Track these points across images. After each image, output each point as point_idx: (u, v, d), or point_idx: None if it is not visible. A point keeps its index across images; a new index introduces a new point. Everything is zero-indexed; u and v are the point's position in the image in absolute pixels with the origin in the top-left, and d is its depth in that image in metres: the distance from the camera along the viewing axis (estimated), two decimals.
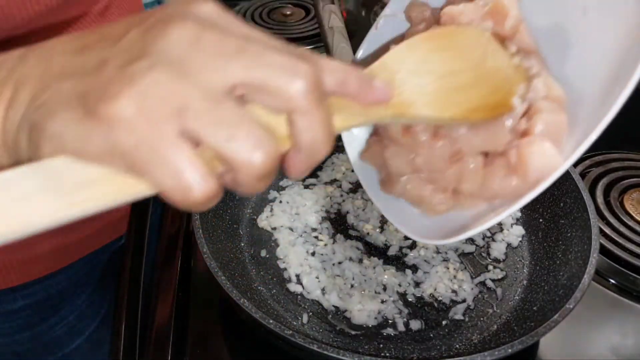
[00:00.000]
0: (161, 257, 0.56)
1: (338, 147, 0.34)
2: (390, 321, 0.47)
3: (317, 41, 0.94)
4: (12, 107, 0.23)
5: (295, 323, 0.47)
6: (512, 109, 0.31)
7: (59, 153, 0.21)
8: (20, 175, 0.22)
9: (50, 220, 0.22)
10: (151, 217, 0.68)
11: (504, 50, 0.33)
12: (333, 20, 0.78)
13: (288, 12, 1.03)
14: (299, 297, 0.50)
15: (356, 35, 0.97)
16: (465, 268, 0.52)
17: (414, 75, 0.29)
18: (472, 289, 0.50)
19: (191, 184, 0.21)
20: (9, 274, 0.58)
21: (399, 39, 0.36)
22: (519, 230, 0.55)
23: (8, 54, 0.26)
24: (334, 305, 0.49)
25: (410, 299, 0.50)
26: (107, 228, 0.66)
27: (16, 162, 0.23)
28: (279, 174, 0.27)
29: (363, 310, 0.48)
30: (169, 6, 0.24)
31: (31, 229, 0.22)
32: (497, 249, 0.53)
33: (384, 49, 0.33)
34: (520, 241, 0.54)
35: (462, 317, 0.48)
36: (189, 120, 0.21)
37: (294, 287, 0.50)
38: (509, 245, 0.54)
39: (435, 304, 0.49)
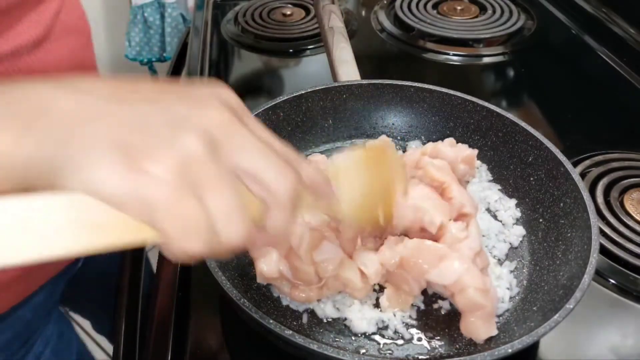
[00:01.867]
0: (161, 257, 0.56)
1: None
2: (391, 326, 0.47)
3: (317, 41, 0.94)
4: (40, 142, 0.24)
5: (295, 323, 0.47)
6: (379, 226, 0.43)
7: (86, 192, 0.24)
8: (56, 203, 0.24)
9: (67, 251, 0.24)
10: None
11: (402, 175, 0.44)
12: (333, 20, 0.78)
13: (288, 12, 1.03)
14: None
15: (356, 35, 0.97)
16: None
17: (349, 189, 0.38)
18: None
19: (189, 231, 0.26)
20: None
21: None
22: (520, 230, 0.55)
23: (21, 82, 0.26)
24: (330, 318, 0.48)
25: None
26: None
27: (14, 188, 0.24)
28: None
29: (363, 319, 0.47)
30: (205, 86, 0.29)
31: (49, 256, 0.23)
32: (499, 249, 0.53)
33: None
34: (521, 241, 0.54)
35: None
36: (204, 191, 0.26)
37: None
38: (510, 245, 0.54)
39: (436, 305, 0.49)
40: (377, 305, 0.48)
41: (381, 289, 0.49)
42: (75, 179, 0.24)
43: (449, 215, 0.49)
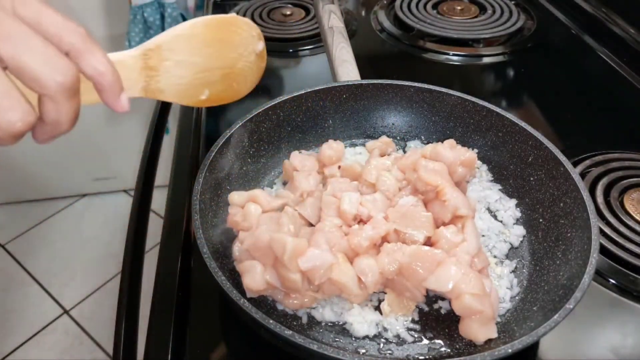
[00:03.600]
0: (161, 257, 0.56)
1: None
2: (392, 329, 0.47)
3: (317, 41, 0.94)
4: None
5: (295, 323, 0.47)
6: (237, 96, 0.42)
7: None
8: None
9: None
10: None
11: (255, 51, 0.41)
12: (333, 20, 0.78)
13: (288, 12, 1.03)
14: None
15: (356, 35, 0.97)
16: None
17: (177, 68, 0.35)
18: None
19: None
20: None
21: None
22: (520, 230, 0.55)
23: None
24: (329, 321, 0.48)
25: None
26: None
27: None
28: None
29: (363, 323, 0.47)
30: None
31: None
32: (499, 249, 0.53)
33: None
34: (521, 241, 0.54)
35: None
36: None
37: None
38: (511, 245, 0.54)
39: (436, 305, 0.49)
40: (377, 307, 0.48)
41: (382, 291, 0.49)
42: None
43: (434, 225, 0.49)
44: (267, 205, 0.52)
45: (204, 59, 0.37)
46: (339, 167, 0.58)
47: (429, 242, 0.49)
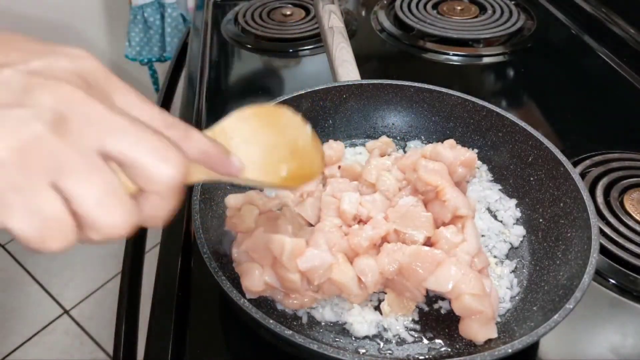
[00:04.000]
0: (161, 257, 0.56)
1: None
2: (392, 329, 0.47)
3: (317, 41, 0.94)
4: None
5: (295, 323, 0.47)
6: (312, 179, 0.41)
7: None
8: None
9: None
10: None
11: (308, 133, 0.41)
12: (333, 20, 0.78)
13: (288, 12, 1.03)
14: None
15: (356, 35, 0.97)
16: None
17: (246, 144, 0.35)
18: None
19: (49, 232, 0.22)
20: None
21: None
22: (520, 230, 0.55)
23: None
24: (329, 321, 0.48)
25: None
26: None
27: None
28: None
29: (363, 323, 0.47)
30: (57, 53, 0.25)
31: None
32: (499, 249, 0.53)
33: None
34: (521, 241, 0.54)
35: None
36: (61, 177, 0.22)
37: None
38: (511, 245, 0.54)
39: (436, 305, 0.49)
40: (377, 307, 0.48)
41: (382, 291, 0.49)
42: None
43: (434, 225, 0.49)
44: (264, 206, 0.52)
45: (266, 136, 0.38)
46: (339, 167, 0.58)
47: (429, 242, 0.49)
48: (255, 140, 0.37)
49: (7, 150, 0.21)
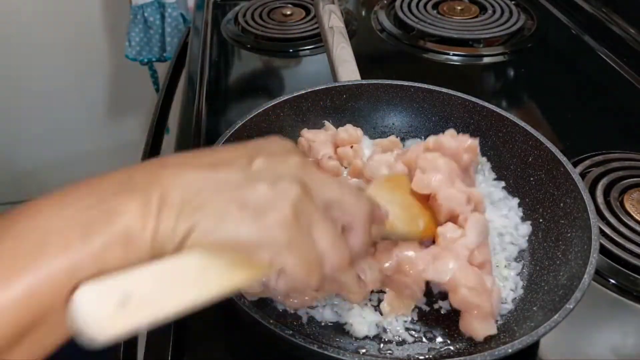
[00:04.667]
0: None
1: None
2: (392, 329, 0.47)
3: (317, 41, 0.94)
4: (166, 207, 0.27)
5: (295, 323, 0.47)
6: (433, 232, 0.47)
7: (224, 243, 0.28)
8: (184, 259, 0.27)
9: (208, 293, 0.29)
10: None
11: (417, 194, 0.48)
12: (333, 20, 0.78)
13: (288, 12, 1.03)
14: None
15: (356, 35, 0.97)
16: None
17: (389, 205, 0.42)
18: None
19: (311, 265, 0.30)
20: None
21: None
22: (527, 228, 0.55)
23: (144, 165, 0.30)
24: (329, 322, 0.48)
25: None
26: None
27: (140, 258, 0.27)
28: None
29: (363, 323, 0.47)
30: (269, 142, 0.33)
31: (189, 306, 0.29)
32: (509, 251, 0.53)
33: None
34: (526, 240, 0.54)
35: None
36: (311, 227, 0.30)
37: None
38: (519, 247, 0.54)
39: (436, 305, 0.49)
40: (377, 307, 0.48)
41: (381, 291, 0.49)
42: (211, 235, 0.27)
43: (434, 221, 0.49)
44: None
45: (399, 197, 0.46)
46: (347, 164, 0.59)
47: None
48: (393, 201, 0.44)
49: (286, 214, 0.28)
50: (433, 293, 0.49)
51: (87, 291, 0.24)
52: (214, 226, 0.27)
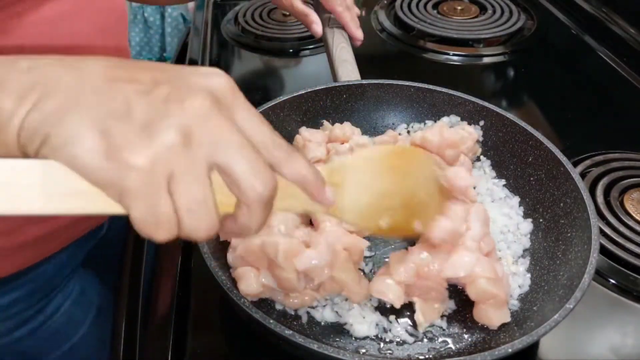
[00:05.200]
0: (161, 257, 0.56)
1: None
2: (393, 329, 0.47)
3: (317, 41, 0.94)
4: (36, 110, 0.27)
5: (295, 323, 0.47)
6: (415, 234, 0.41)
7: (68, 166, 0.26)
8: (27, 166, 0.27)
9: (32, 211, 0.27)
10: None
11: (434, 178, 0.41)
12: (333, 21, 0.78)
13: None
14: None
15: None
16: None
17: (353, 190, 0.35)
18: None
19: (159, 224, 0.28)
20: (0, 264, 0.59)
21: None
22: (529, 226, 0.55)
23: (36, 57, 0.29)
24: (329, 322, 0.48)
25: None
26: (88, 217, 0.66)
27: (5, 154, 0.28)
28: None
29: (363, 323, 0.47)
30: (193, 74, 0.29)
31: (15, 213, 0.27)
32: (514, 249, 0.53)
33: None
34: (529, 238, 0.54)
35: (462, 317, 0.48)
36: (172, 181, 0.27)
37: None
38: (523, 245, 0.54)
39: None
40: (377, 308, 0.48)
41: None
42: (59, 152, 0.26)
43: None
44: None
45: (383, 183, 0.38)
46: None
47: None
48: (370, 184, 0.37)
49: (144, 161, 0.26)
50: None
51: None
52: (64, 143, 0.26)
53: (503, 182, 0.60)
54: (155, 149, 0.26)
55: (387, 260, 0.52)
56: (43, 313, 0.66)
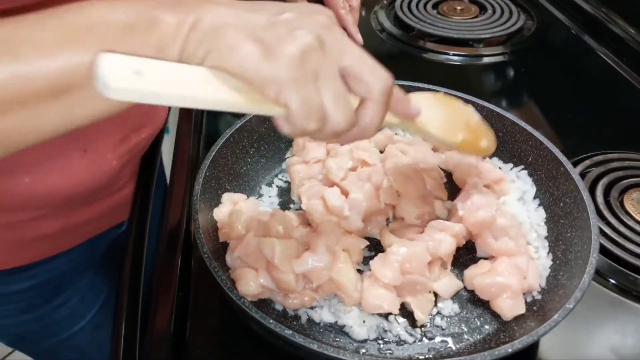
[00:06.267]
0: (161, 257, 0.56)
1: None
2: (393, 330, 0.47)
3: None
4: (195, 30, 0.31)
5: (295, 323, 0.47)
6: (485, 152, 0.49)
7: (231, 70, 0.31)
8: (201, 69, 0.32)
9: (210, 98, 0.32)
10: (152, 218, 0.68)
11: (478, 119, 0.49)
12: None
13: None
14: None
15: None
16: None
17: (429, 111, 0.42)
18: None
19: (311, 112, 0.32)
20: (15, 253, 0.61)
21: None
22: (542, 213, 0.55)
23: None
24: (328, 323, 0.48)
25: None
26: (108, 213, 0.69)
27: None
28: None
29: (363, 326, 0.47)
30: (307, 5, 0.35)
31: (196, 100, 0.32)
32: (532, 237, 0.53)
33: None
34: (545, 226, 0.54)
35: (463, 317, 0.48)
36: (318, 77, 0.32)
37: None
38: (537, 233, 0.54)
39: (436, 307, 0.49)
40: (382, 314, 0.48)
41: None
42: (223, 61, 0.31)
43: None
44: (252, 210, 0.53)
45: (444, 109, 0.45)
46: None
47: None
48: (438, 110, 0.44)
49: (294, 57, 0.31)
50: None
51: (110, 57, 0.29)
52: (225, 54, 0.31)
53: (511, 165, 0.60)
54: (301, 45, 0.31)
55: None
56: (50, 304, 0.67)
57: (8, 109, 0.30)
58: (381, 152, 0.61)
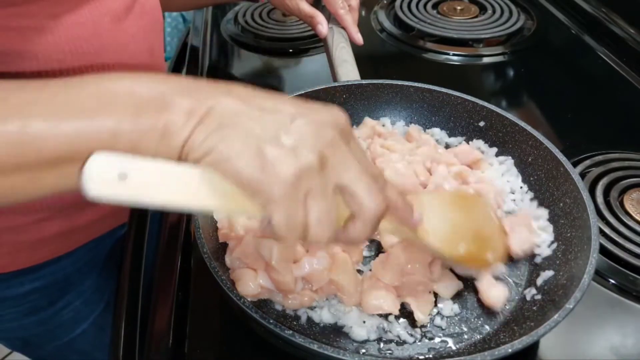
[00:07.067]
0: (161, 257, 0.56)
1: None
2: (393, 331, 0.47)
3: (317, 41, 0.94)
4: (203, 123, 0.31)
5: (295, 323, 0.47)
6: (489, 265, 0.46)
7: (225, 174, 0.31)
8: (191, 170, 0.32)
9: (194, 204, 0.32)
10: (151, 218, 0.68)
11: (495, 221, 0.47)
12: (333, 20, 0.78)
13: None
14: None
15: None
16: None
17: (435, 218, 0.42)
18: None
19: (293, 228, 0.33)
20: (18, 256, 0.61)
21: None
22: (544, 212, 0.55)
23: (217, 84, 0.34)
24: (328, 323, 0.47)
25: None
26: (111, 215, 0.68)
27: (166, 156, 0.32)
28: None
29: (363, 327, 0.47)
30: (322, 110, 0.35)
31: (185, 205, 0.32)
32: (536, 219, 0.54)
33: None
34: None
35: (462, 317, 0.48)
36: (307, 196, 0.33)
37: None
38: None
39: (436, 307, 0.49)
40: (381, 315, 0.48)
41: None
42: (222, 164, 0.31)
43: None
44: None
45: (455, 216, 0.44)
46: None
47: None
48: (444, 217, 0.43)
49: (290, 175, 0.31)
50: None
51: (99, 158, 0.30)
52: (226, 157, 0.31)
53: (510, 158, 0.60)
54: (300, 167, 0.31)
55: None
56: (54, 306, 0.67)
57: (13, 170, 0.31)
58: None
